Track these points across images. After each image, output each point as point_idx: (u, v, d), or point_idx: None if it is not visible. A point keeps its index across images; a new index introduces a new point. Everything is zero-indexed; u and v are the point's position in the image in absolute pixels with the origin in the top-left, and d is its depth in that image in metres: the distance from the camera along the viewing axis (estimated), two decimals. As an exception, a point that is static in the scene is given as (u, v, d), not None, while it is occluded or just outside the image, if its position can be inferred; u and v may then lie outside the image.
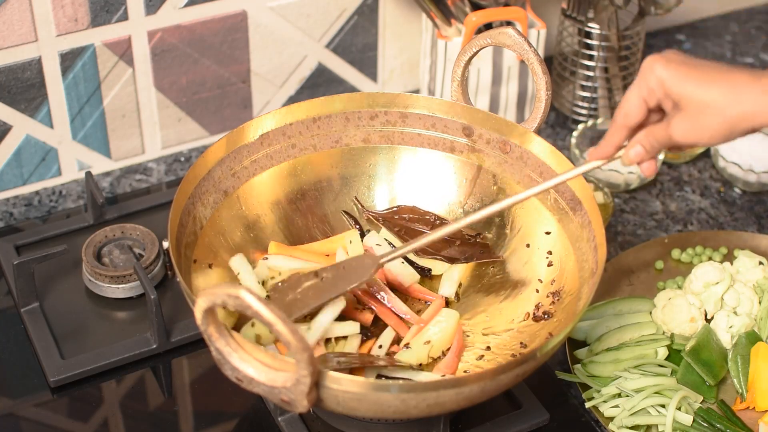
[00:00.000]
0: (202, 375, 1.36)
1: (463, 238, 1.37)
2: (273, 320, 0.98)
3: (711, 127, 1.08)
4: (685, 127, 1.10)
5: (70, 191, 1.62)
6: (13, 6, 1.45)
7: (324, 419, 1.27)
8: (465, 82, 1.37)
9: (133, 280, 1.43)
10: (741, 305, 1.40)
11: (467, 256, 1.35)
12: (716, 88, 1.07)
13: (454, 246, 1.36)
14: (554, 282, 1.30)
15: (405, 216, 1.40)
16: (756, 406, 1.32)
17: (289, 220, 1.38)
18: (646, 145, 1.14)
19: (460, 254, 1.35)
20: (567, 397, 1.35)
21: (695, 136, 1.10)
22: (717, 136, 1.09)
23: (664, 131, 1.12)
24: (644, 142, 1.14)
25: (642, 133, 1.14)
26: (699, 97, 1.08)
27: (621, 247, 1.56)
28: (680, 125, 1.10)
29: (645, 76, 1.11)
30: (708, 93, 1.08)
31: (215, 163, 1.31)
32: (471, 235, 1.37)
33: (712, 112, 1.08)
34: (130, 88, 1.59)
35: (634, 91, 1.13)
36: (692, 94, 1.08)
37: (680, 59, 1.11)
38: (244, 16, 1.61)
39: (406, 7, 1.72)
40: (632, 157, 1.15)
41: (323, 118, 1.39)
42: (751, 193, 1.66)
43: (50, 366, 1.34)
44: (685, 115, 1.09)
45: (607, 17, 1.69)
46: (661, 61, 1.10)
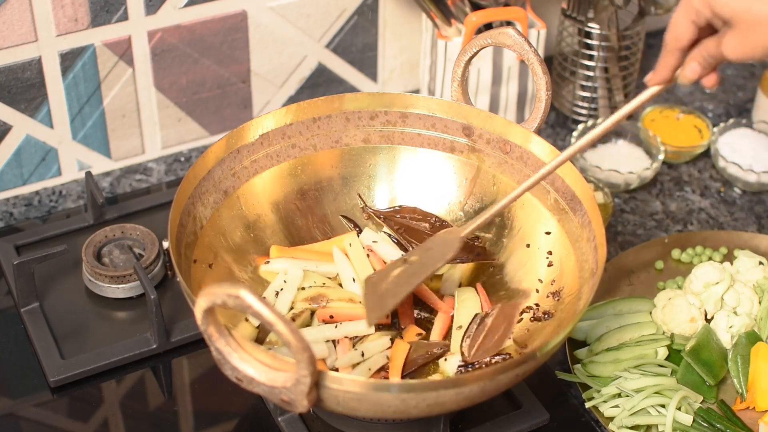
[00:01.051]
0: (202, 375, 1.36)
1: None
2: (273, 320, 0.98)
3: (764, 41, 1.06)
4: (738, 43, 1.07)
5: (70, 191, 1.62)
6: (13, 6, 1.45)
7: (324, 419, 1.27)
8: (465, 82, 1.37)
9: (133, 280, 1.43)
10: (741, 305, 1.40)
11: (464, 257, 1.35)
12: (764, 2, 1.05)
13: None
14: (554, 282, 1.30)
15: (406, 216, 1.40)
16: (756, 406, 1.32)
17: (289, 220, 1.38)
18: (701, 61, 1.12)
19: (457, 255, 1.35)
20: (567, 397, 1.35)
21: (748, 52, 1.07)
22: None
23: (717, 48, 1.10)
24: (699, 59, 1.12)
25: (696, 50, 1.12)
26: (748, 14, 1.05)
27: (621, 247, 1.56)
28: (732, 42, 1.08)
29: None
30: (759, 7, 1.05)
31: (215, 163, 1.31)
32: (469, 238, 1.37)
33: (763, 28, 1.05)
34: (130, 88, 1.59)
35: (681, 14, 1.11)
36: (742, 10, 1.06)
37: None
38: (244, 16, 1.61)
39: (406, 7, 1.72)
40: (689, 75, 1.13)
41: (323, 118, 1.39)
42: (751, 193, 1.66)
43: (50, 366, 1.34)
44: (736, 33, 1.07)
45: (607, 17, 1.69)
46: None
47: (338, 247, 1.36)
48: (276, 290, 1.31)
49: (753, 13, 1.05)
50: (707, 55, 1.11)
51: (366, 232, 1.39)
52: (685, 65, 1.13)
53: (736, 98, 1.86)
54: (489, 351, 1.25)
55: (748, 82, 1.89)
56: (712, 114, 1.82)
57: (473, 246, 1.36)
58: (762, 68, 1.93)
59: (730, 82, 1.89)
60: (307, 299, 1.30)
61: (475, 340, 1.26)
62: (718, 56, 1.10)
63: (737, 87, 1.88)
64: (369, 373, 1.24)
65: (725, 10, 1.07)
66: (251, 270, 1.33)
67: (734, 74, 1.91)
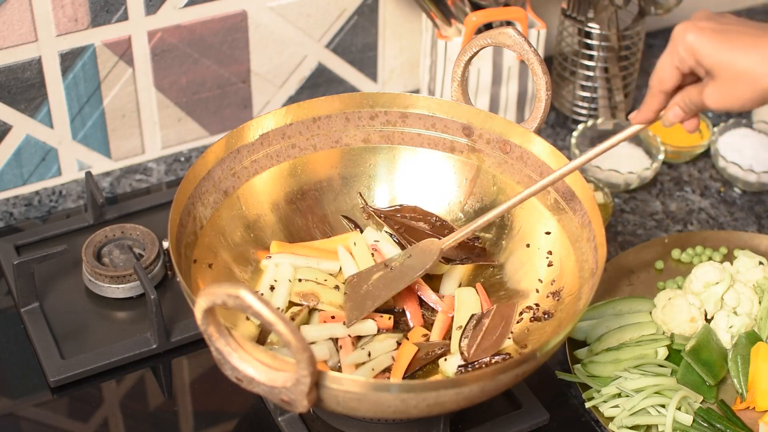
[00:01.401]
0: (202, 375, 1.36)
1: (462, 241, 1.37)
2: (273, 320, 0.98)
3: (744, 95, 1.08)
4: (718, 95, 1.10)
5: (70, 191, 1.62)
6: (13, 6, 1.45)
7: (324, 419, 1.27)
8: (465, 82, 1.37)
9: (133, 280, 1.43)
10: (741, 305, 1.40)
11: (464, 258, 1.35)
12: (749, 56, 1.06)
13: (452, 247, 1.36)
14: (554, 282, 1.30)
15: (407, 215, 1.40)
16: (756, 406, 1.32)
17: (289, 220, 1.38)
18: (683, 107, 1.14)
19: (456, 256, 1.35)
20: (567, 397, 1.35)
21: (728, 103, 1.10)
22: (750, 103, 1.09)
23: (698, 96, 1.12)
24: (681, 105, 1.14)
25: (679, 95, 1.15)
26: (731, 66, 1.07)
27: (621, 247, 1.56)
28: (713, 93, 1.10)
29: (676, 44, 1.11)
30: (742, 62, 1.07)
31: (215, 163, 1.31)
32: (469, 238, 1.37)
33: (746, 82, 1.07)
34: (130, 88, 1.59)
35: (667, 59, 1.13)
36: (725, 63, 1.08)
37: (712, 26, 1.09)
38: (244, 16, 1.61)
39: (406, 7, 1.72)
40: (671, 119, 1.16)
41: (323, 118, 1.39)
42: (751, 193, 1.66)
43: (50, 366, 1.34)
44: (718, 84, 1.09)
45: (607, 17, 1.69)
46: (691, 29, 1.09)
47: (343, 245, 1.36)
48: (270, 284, 1.31)
49: (735, 67, 1.07)
50: (689, 102, 1.14)
51: (368, 231, 1.39)
52: (668, 109, 1.16)
53: (736, 98, 1.85)
54: (487, 351, 1.25)
55: (748, 82, 1.89)
56: (712, 114, 1.82)
57: (473, 247, 1.36)
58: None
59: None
60: (300, 294, 1.30)
61: (473, 340, 1.26)
62: (700, 104, 1.13)
63: (737, 87, 1.88)
64: (372, 373, 1.24)
65: (708, 61, 1.09)
66: (251, 270, 1.33)
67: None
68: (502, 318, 1.28)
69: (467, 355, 1.25)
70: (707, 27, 1.09)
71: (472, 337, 1.26)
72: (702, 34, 1.09)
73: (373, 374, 1.24)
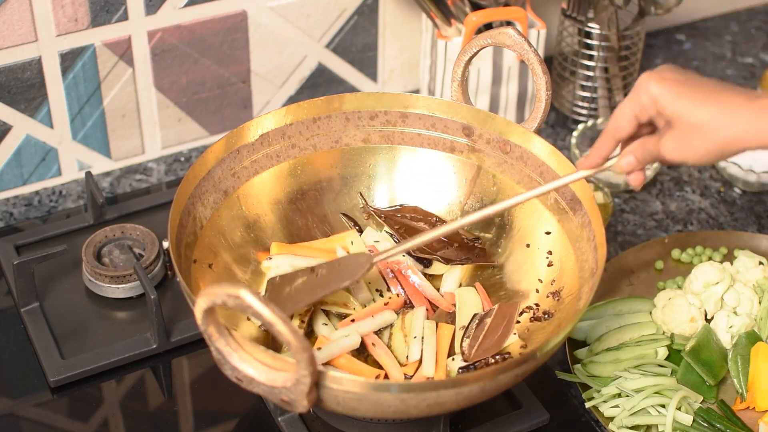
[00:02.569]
0: (202, 375, 1.36)
1: (461, 241, 1.37)
2: (273, 320, 0.98)
3: (702, 147, 1.08)
4: (676, 146, 1.10)
5: (70, 191, 1.62)
6: (13, 6, 1.45)
7: (324, 419, 1.27)
8: (465, 82, 1.37)
9: (133, 280, 1.43)
10: (741, 305, 1.40)
11: (463, 258, 1.35)
12: (709, 108, 1.07)
13: (451, 248, 1.36)
14: (554, 282, 1.30)
15: (407, 215, 1.40)
16: (756, 406, 1.32)
17: (289, 220, 1.38)
18: (638, 156, 1.14)
19: (456, 256, 1.35)
20: (567, 397, 1.35)
21: (685, 155, 1.10)
22: (707, 156, 1.09)
23: (655, 146, 1.12)
24: (636, 153, 1.14)
25: (635, 144, 1.14)
26: (691, 118, 1.08)
27: (621, 247, 1.56)
28: (671, 144, 1.10)
29: (638, 92, 1.11)
30: (700, 114, 1.07)
31: (215, 163, 1.31)
32: (469, 238, 1.37)
33: (704, 134, 1.07)
34: (130, 88, 1.59)
35: (627, 106, 1.13)
36: (684, 113, 1.08)
37: (675, 77, 1.10)
38: (244, 16, 1.61)
39: (406, 7, 1.72)
40: (623, 167, 1.16)
41: (323, 118, 1.39)
42: (751, 193, 1.66)
43: (50, 366, 1.34)
44: (677, 134, 1.09)
45: (607, 17, 1.69)
46: (655, 79, 1.10)
47: (340, 245, 1.36)
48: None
49: (693, 118, 1.08)
50: (645, 152, 1.14)
51: (368, 231, 1.39)
52: (622, 156, 1.16)
53: (736, 98, 1.85)
54: (489, 351, 1.25)
55: (748, 83, 1.89)
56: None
57: (473, 247, 1.36)
58: (762, 68, 1.93)
59: (731, 81, 1.89)
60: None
61: (474, 340, 1.26)
62: (656, 154, 1.13)
63: (737, 87, 1.88)
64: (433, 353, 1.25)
65: (668, 110, 1.09)
66: (251, 270, 1.33)
67: (734, 74, 1.91)
68: (504, 317, 1.28)
69: (468, 355, 1.25)
70: (670, 77, 1.10)
71: (473, 337, 1.26)
72: (665, 84, 1.09)
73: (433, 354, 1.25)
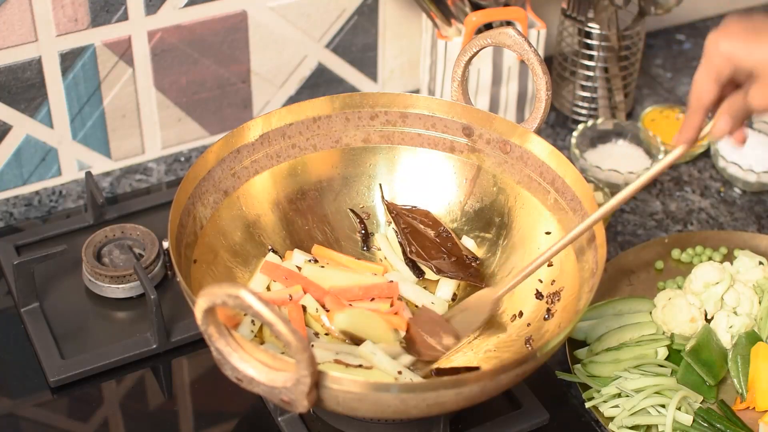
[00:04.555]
0: (202, 375, 1.36)
1: (460, 257, 1.36)
2: (273, 320, 0.98)
3: None
4: (763, 94, 1.08)
5: (70, 191, 1.62)
6: (13, 6, 1.45)
7: (324, 419, 1.27)
8: (465, 82, 1.37)
9: (133, 280, 1.43)
10: (741, 305, 1.40)
11: (454, 273, 1.34)
12: None
13: (448, 260, 1.35)
14: (554, 282, 1.30)
15: (417, 217, 1.40)
16: (756, 406, 1.32)
17: (289, 220, 1.38)
18: (732, 114, 1.12)
19: (448, 269, 1.34)
20: (567, 397, 1.35)
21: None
22: None
23: (744, 101, 1.10)
24: (729, 113, 1.12)
25: (724, 105, 1.12)
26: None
27: (621, 247, 1.56)
28: (758, 94, 1.08)
29: (710, 55, 1.10)
30: None
31: (215, 163, 1.31)
32: (469, 257, 1.36)
33: None
34: (130, 88, 1.59)
35: (703, 72, 1.11)
36: (764, 60, 1.06)
37: (741, 28, 1.08)
38: (244, 16, 1.61)
39: (406, 7, 1.72)
40: (721, 129, 1.13)
41: (323, 118, 1.39)
42: (751, 193, 1.66)
43: (50, 366, 1.34)
44: (762, 83, 1.08)
45: (607, 17, 1.69)
46: (723, 36, 1.08)
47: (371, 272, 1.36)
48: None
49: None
50: (736, 108, 1.11)
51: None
52: (715, 121, 1.13)
53: (736, 98, 1.85)
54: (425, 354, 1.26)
55: (748, 82, 1.89)
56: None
57: (468, 266, 1.36)
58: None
59: (730, 82, 1.89)
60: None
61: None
62: (746, 109, 1.11)
63: (737, 87, 1.88)
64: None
65: (747, 62, 1.08)
66: (251, 270, 1.33)
67: (734, 74, 1.91)
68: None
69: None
70: (737, 30, 1.08)
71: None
72: (735, 39, 1.08)
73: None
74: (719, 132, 1.14)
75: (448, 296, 1.34)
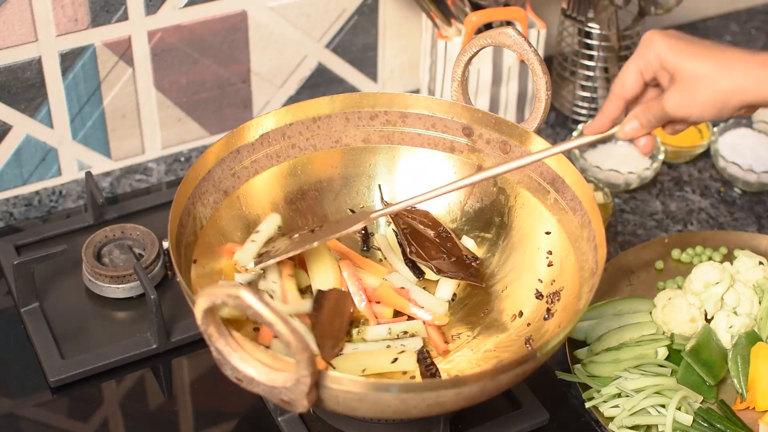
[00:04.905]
0: (202, 375, 1.36)
1: (460, 257, 1.36)
2: (273, 320, 0.98)
3: (702, 99, 1.11)
4: (678, 99, 1.12)
5: (70, 191, 1.62)
6: (13, 6, 1.45)
7: (324, 419, 1.27)
8: (465, 82, 1.37)
9: (133, 280, 1.43)
10: (741, 305, 1.40)
11: (454, 273, 1.34)
12: (710, 61, 1.10)
13: (448, 261, 1.35)
14: (554, 282, 1.30)
15: (416, 217, 1.39)
16: (756, 406, 1.32)
17: (289, 220, 1.38)
18: (642, 119, 1.16)
19: (448, 269, 1.34)
20: (567, 397, 1.35)
21: (687, 109, 1.12)
22: (708, 109, 1.11)
23: (658, 105, 1.14)
24: (640, 117, 1.16)
25: (638, 108, 1.16)
26: (692, 70, 1.11)
27: (621, 247, 1.56)
28: (673, 97, 1.12)
29: (643, 48, 1.14)
30: (702, 66, 1.10)
31: (215, 163, 1.31)
32: (469, 257, 1.36)
33: (704, 85, 1.10)
34: (130, 88, 1.59)
35: (632, 63, 1.15)
36: (686, 66, 1.11)
37: (680, 35, 1.14)
38: (244, 16, 1.61)
39: (406, 7, 1.72)
40: (628, 131, 1.17)
41: (323, 118, 1.39)
42: (751, 193, 1.66)
43: (50, 366, 1.34)
44: (678, 88, 1.12)
45: (607, 17, 1.69)
46: (660, 35, 1.13)
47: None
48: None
49: (695, 72, 1.11)
50: (649, 114, 1.15)
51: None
52: (626, 122, 1.17)
53: (736, 98, 1.86)
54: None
55: (748, 82, 1.89)
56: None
57: (469, 266, 1.36)
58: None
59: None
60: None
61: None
62: (659, 115, 1.14)
63: (737, 87, 1.88)
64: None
65: (671, 64, 1.12)
66: (251, 270, 1.33)
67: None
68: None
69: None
70: (676, 34, 1.14)
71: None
72: (669, 40, 1.13)
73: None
74: (625, 134, 1.17)
75: (447, 296, 1.34)
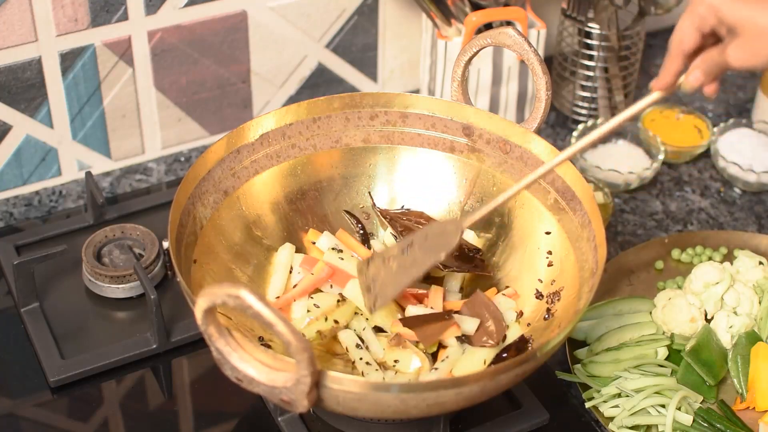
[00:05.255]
0: (202, 375, 1.36)
1: (462, 251, 1.36)
2: (273, 320, 0.98)
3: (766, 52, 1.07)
4: (742, 53, 1.08)
5: (70, 191, 1.62)
6: (13, 6, 1.45)
7: (324, 419, 1.27)
8: (465, 82, 1.37)
9: (133, 280, 1.43)
10: (741, 305, 1.40)
11: (459, 266, 1.34)
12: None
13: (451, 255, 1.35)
14: (554, 282, 1.30)
15: (412, 219, 1.40)
16: (756, 406, 1.32)
17: (289, 220, 1.38)
18: (704, 69, 1.12)
19: (453, 264, 1.34)
20: (567, 397, 1.35)
21: (752, 61, 1.08)
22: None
23: (721, 56, 1.10)
24: (702, 67, 1.12)
25: (699, 58, 1.13)
26: (754, 22, 1.06)
27: (621, 247, 1.56)
28: (736, 51, 1.08)
29: (695, 4, 1.10)
30: (762, 18, 1.06)
31: (215, 163, 1.31)
32: (471, 250, 1.36)
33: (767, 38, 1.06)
34: (130, 88, 1.59)
35: (686, 20, 1.12)
36: (747, 18, 1.07)
37: None
38: (244, 16, 1.61)
39: (406, 7, 1.72)
40: (692, 83, 1.13)
41: (323, 118, 1.39)
42: (751, 193, 1.66)
43: (50, 366, 1.34)
44: (741, 41, 1.08)
45: (607, 17, 1.69)
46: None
47: None
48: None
49: (758, 23, 1.06)
50: (711, 63, 1.12)
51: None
52: (689, 73, 1.14)
53: (736, 98, 1.86)
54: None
55: (748, 82, 1.89)
56: (712, 114, 1.82)
57: (472, 257, 1.36)
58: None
59: (730, 82, 1.89)
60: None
61: None
62: (722, 64, 1.11)
63: (737, 87, 1.88)
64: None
65: (730, 18, 1.08)
66: (251, 270, 1.33)
67: (734, 74, 1.91)
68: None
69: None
70: None
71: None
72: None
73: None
74: (691, 84, 1.14)
75: (455, 290, 1.34)
